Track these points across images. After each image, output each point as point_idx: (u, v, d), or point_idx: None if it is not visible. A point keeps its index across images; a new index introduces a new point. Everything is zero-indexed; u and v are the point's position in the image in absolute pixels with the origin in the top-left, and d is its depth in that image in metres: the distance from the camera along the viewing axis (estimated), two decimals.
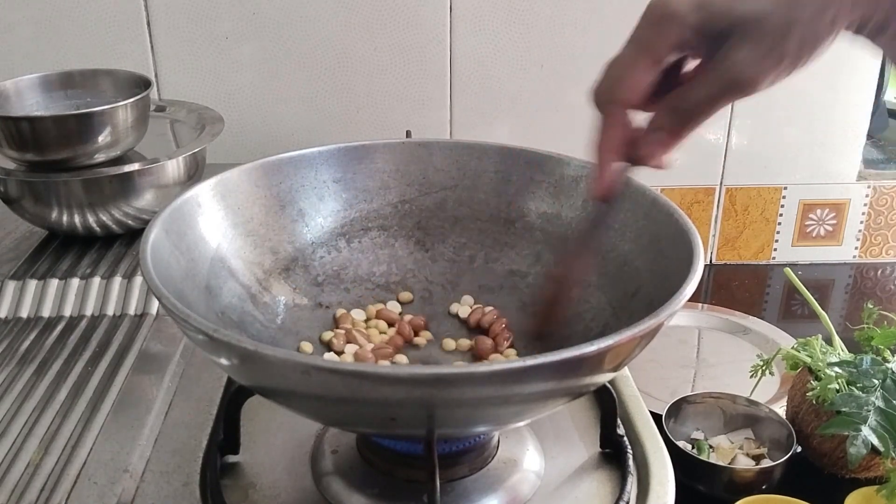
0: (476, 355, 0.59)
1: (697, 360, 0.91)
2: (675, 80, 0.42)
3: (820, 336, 0.74)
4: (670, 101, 0.41)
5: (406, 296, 0.63)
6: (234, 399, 0.54)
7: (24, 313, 0.70)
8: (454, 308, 0.63)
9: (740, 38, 0.37)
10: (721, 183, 1.11)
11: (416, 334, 0.60)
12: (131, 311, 0.70)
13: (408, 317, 0.61)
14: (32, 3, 0.98)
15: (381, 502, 0.50)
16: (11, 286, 0.72)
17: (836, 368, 0.69)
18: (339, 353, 0.58)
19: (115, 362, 0.63)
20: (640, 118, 0.44)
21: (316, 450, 0.55)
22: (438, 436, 0.46)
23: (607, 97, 0.41)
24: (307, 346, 0.57)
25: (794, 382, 0.75)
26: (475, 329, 0.61)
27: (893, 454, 0.63)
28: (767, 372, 0.77)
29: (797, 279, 0.79)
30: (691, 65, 0.42)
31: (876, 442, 0.63)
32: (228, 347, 0.40)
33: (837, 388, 0.67)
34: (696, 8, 0.38)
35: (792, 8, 0.36)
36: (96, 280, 0.73)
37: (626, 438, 0.56)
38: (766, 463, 0.69)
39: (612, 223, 0.48)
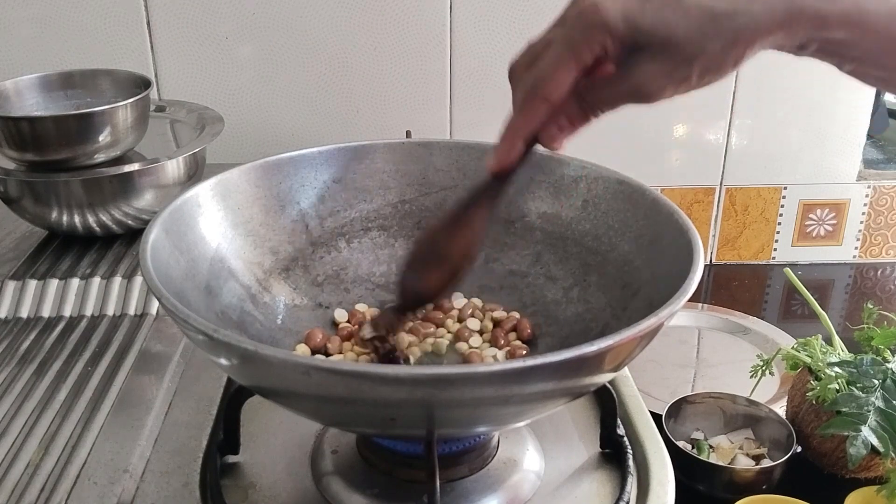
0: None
1: (697, 360, 0.91)
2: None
3: (820, 336, 0.74)
4: (578, 94, 0.44)
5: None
6: (234, 399, 0.54)
7: (24, 313, 0.70)
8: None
9: (652, 55, 0.41)
10: (721, 183, 1.11)
11: None
12: (131, 311, 0.70)
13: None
14: (32, 3, 0.98)
15: (381, 502, 0.50)
16: (11, 286, 0.72)
17: (836, 368, 0.69)
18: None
19: (115, 362, 0.63)
20: None
21: (316, 450, 0.55)
22: (438, 436, 0.46)
23: (533, 91, 0.44)
24: (303, 348, 0.58)
25: (794, 382, 0.75)
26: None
27: (893, 454, 0.63)
28: (767, 372, 0.77)
29: (797, 279, 0.79)
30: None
31: (876, 442, 0.63)
32: (228, 347, 0.40)
33: (837, 388, 0.67)
34: (624, 20, 0.40)
35: (704, 40, 0.40)
36: (96, 280, 0.73)
37: (626, 438, 0.56)
38: (766, 463, 0.69)
39: (503, 199, 0.49)
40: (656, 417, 0.61)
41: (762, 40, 0.40)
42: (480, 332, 0.60)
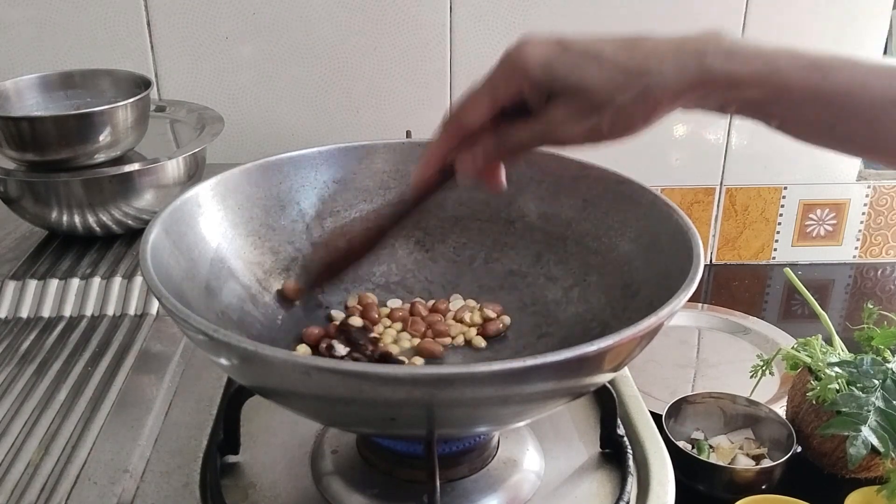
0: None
1: (697, 360, 0.91)
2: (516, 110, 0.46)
3: (820, 336, 0.74)
4: (496, 133, 0.47)
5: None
6: (234, 399, 0.54)
7: (24, 313, 0.70)
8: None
9: (565, 101, 0.43)
10: (721, 183, 1.11)
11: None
12: (131, 311, 0.70)
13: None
14: (32, 3, 0.98)
15: (381, 502, 0.50)
16: (11, 286, 0.72)
17: (836, 368, 0.69)
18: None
19: (115, 362, 0.63)
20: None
21: (316, 450, 0.55)
22: (438, 436, 0.46)
23: (449, 117, 0.47)
24: (304, 349, 0.58)
25: (794, 382, 0.75)
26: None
27: (893, 454, 0.63)
28: (767, 372, 0.77)
29: (797, 279, 0.79)
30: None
31: (876, 442, 0.63)
32: (228, 347, 0.40)
33: (837, 388, 0.67)
34: (543, 67, 0.43)
35: (615, 91, 0.42)
36: (96, 280, 0.73)
37: (626, 438, 0.56)
38: (766, 463, 0.69)
39: (416, 213, 0.54)
40: (656, 417, 0.61)
41: (673, 100, 0.42)
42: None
